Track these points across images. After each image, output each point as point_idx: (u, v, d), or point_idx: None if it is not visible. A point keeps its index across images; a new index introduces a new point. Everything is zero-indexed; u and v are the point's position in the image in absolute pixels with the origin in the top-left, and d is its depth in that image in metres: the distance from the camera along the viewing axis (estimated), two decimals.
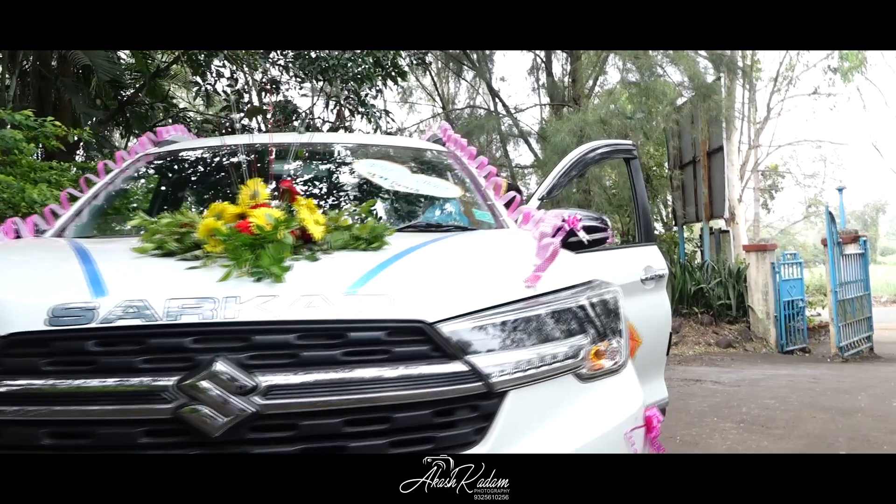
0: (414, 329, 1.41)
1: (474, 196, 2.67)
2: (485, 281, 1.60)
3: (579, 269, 1.82)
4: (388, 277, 1.51)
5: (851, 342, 9.89)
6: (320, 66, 8.51)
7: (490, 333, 1.48)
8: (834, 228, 9.92)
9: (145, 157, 2.91)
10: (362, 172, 2.65)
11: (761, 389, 6.77)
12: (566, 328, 1.60)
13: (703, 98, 11.51)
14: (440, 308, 1.44)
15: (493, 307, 1.51)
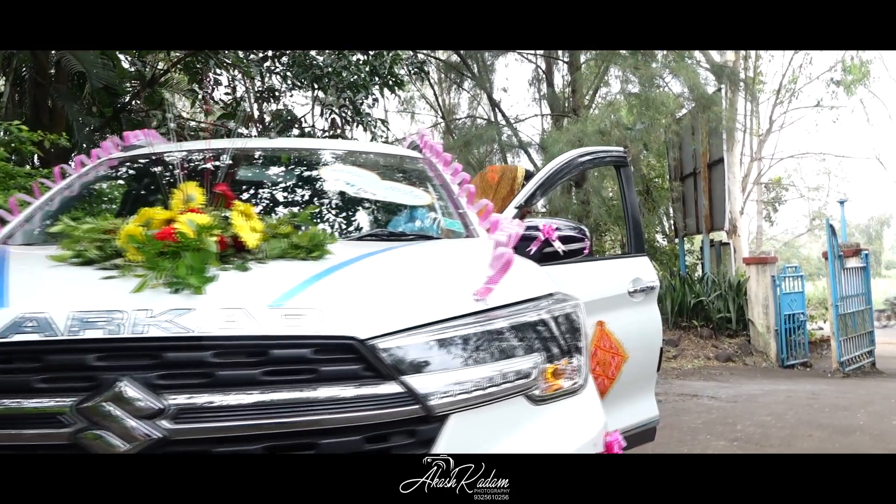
0: (344, 346, 1.29)
1: (446, 204, 2.55)
2: (429, 294, 1.48)
3: (539, 281, 1.70)
4: (321, 290, 1.39)
5: (852, 357, 9.73)
6: (314, 74, 8.42)
7: (430, 351, 1.36)
8: (835, 241, 9.78)
9: (108, 162, 2.81)
10: (328, 178, 2.53)
11: (758, 406, 6.62)
12: (519, 345, 1.47)
13: (703, 109, 11.39)
14: (374, 323, 1.33)
15: (436, 322, 1.39)
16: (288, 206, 2.56)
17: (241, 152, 2.90)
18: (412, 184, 2.68)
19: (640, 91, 12.23)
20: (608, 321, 3.16)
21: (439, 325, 1.39)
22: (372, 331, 1.31)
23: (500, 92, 17.77)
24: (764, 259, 11.07)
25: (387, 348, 1.31)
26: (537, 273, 1.78)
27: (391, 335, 1.32)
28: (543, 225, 2.44)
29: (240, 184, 2.74)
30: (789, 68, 20.49)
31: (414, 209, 2.51)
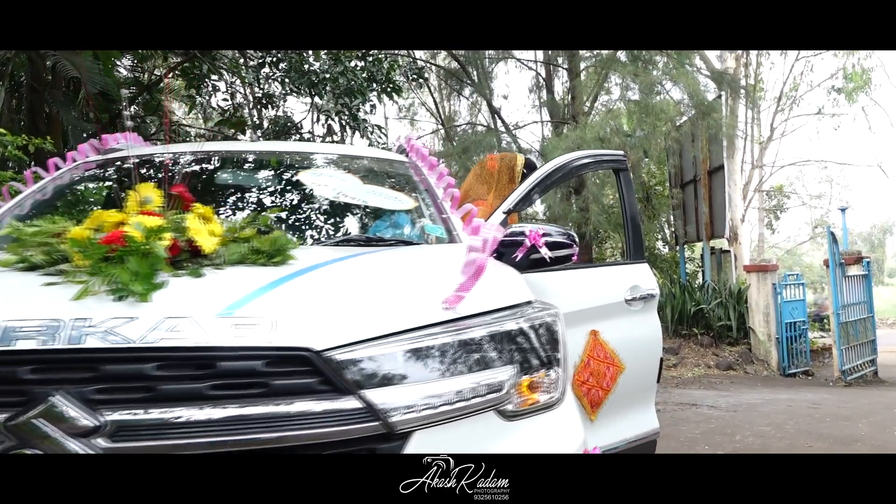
0: (298, 358, 1.21)
1: (429, 209, 2.47)
2: (394, 302, 1.40)
3: (517, 289, 1.62)
4: (277, 297, 1.31)
5: (854, 366, 9.61)
6: (310, 80, 8.36)
7: (392, 364, 1.27)
8: (836, 249, 9.68)
9: (84, 165, 2.73)
10: (307, 182, 2.45)
11: (758, 415, 6.52)
12: (491, 357, 1.39)
13: (703, 116, 11.31)
14: (333, 334, 1.24)
15: (400, 333, 1.31)
16: (265, 210, 2.49)
17: (224, 156, 2.83)
18: (396, 188, 2.61)
19: (641, 98, 12.17)
20: (603, 330, 3.06)
21: (403, 336, 1.30)
22: (329, 341, 1.22)
23: (501, 99, 17.76)
24: (765, 267, 10.97)
25: (345, 360, 1.23)
26: (515, 280, 1.69)
27: (350, 346, 1.24)
28: (530, 231, 2.35)
29: (221, 188, 2.66)
30: (790, 76, 20.44)
31: (396, 214, 2.43)
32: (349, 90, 8.98)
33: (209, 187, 2.56)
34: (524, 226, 2.41)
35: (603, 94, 13.94)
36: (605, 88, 13.75)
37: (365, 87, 9.15)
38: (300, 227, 2.37)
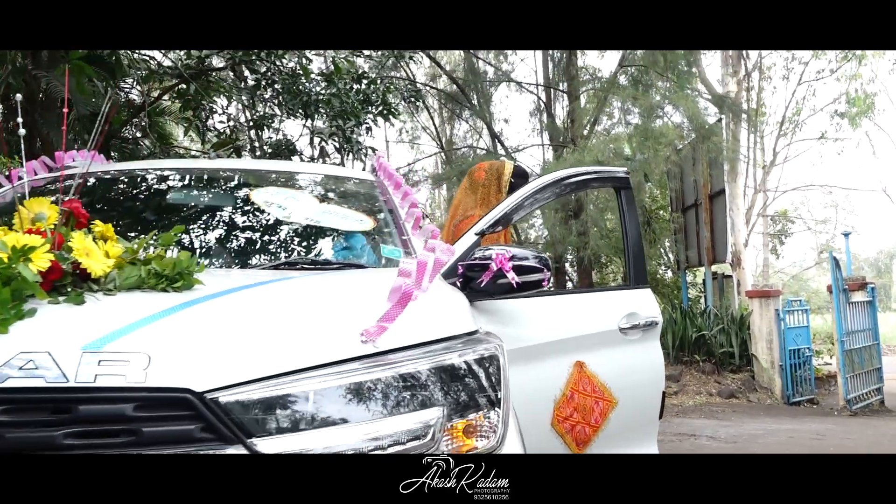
0: (175, 400, 1.04)
1: (390, 230, 2.31)
2: (302, 335, 1.23)
3: (456, 318, 1.45)
4: (161, 329, 1.14)
5: (860, 394, 9.35)
6: (302, 101, 8.26)
7: (291, 407, 1.10)
8: (839, 275, 9.47)
9: (31, 183, 2.58)
10: (258, 202, 2.30)
11: (758, 447, 6.29)
12: (416, 397, 1.22)
13: (702, 139, 11.17)
14: (219, 372, 1.07)
15: (303, 370, 1.13)
16: (209, 230, 2.32)
17: (178, 174, 2.68)
18: (358, 207, 2.45)
19: (641, 122, 12.07)
20: (591, 361, 2.85)
21: (307, 374, 1.13)
22: (214, 381, 1.05)
23: (502, 123, 17.68)
24: (767, 292, 10.76)
25: (232, 403, 1.05)
26: (457, 308, 1.52)
27: (239, 387, 1.07)
28: (497, 254, 2.18)
29: (171, 208, 2.50)
30: (792, 100, 20.33)
31: (350, 235, 2.26)
32: (342, 112, 8.88)
33: (156, 207, 2.41)
34: (492, 248, 2.24)
35: (604, 117, 13.85)
36: (607, 112, 13.66)
37: (359, 108, 9.05)
38: (238, 248, 2.20)
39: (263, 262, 2.06)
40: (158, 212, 2.34)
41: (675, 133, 11.75)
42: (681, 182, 13.50)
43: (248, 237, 2.23)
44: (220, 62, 10.43)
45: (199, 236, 2.23)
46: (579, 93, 13.26)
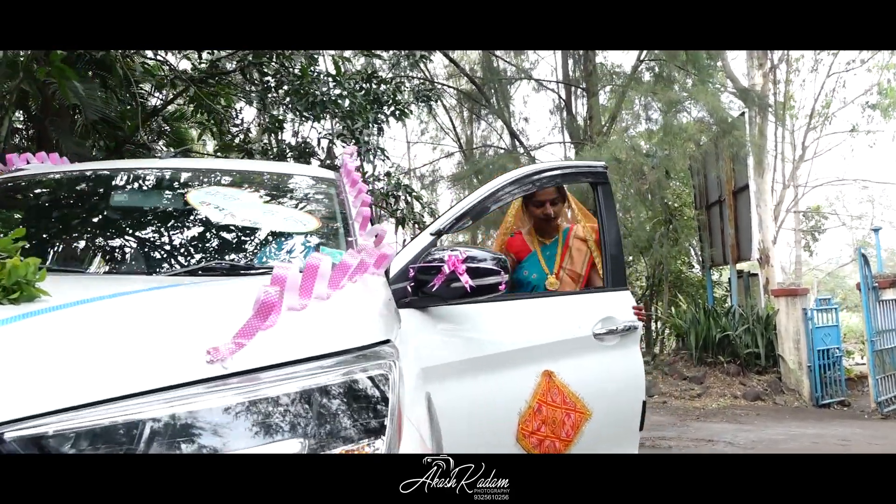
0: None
1: (338, 230, 2.15)
2: (133, 356, 1.06)
3: (357, 329, 1.27)
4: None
5: (892, 396, 8.96)
6: (308, 102, 8.16)
7: (99, 443, 0.94)
8: (868, 272, 9.10)
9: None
10: (193, 203, 2.15)
11: None
12: (269, 428, 1.05)
13: (724, 134, 10.82)
14: (9, 404, 0.91)
15: (118, 399, 0.97)
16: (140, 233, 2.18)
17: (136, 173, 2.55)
18: (310, 207, 2.29)
19: (661, 117, 11.77)
20: (561, 370, 2.66)
21: (125, 402, 0.97)
22: (3, 413, 0.90)
23: (522, 121, 17.44)
24: (794, 291, 10.39)
25: (19, 439, 0.89)
26: (357, 317, 1.35)
27: (34, 420, 0.91)
28: (449, 256, 2.01)
29: (114, 210, 2.37)
30: (821, 92, 19.76)
31: (289, 237, 2.11)
32: (350, 113, 8.77)
33: (95, 210, 2.28)
34: (444, 250, 2.07)
35: (625, 113, 13.55)
36: (627, 108, 13.36)
37: (368, 108, 8.92)
38: (147, 253, 2.06)
39: (179, 268, 1.91)
40: (79, 215, 2.21)
41: (697, 128, 11.43)
42: (704, 178, 13.15)
43: (170, 242, 2.09)
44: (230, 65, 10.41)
45: (114, 240, 2.10)
46: (597, 89, 12.99)
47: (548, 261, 3.24)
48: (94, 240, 2.11)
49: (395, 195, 10.07)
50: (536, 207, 3.24)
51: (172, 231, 2.16)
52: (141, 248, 2.06)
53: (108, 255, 2.01)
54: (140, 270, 1.92)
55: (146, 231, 2.17)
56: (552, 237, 3.31)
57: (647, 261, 14.30)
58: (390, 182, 10.10)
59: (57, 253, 2.00)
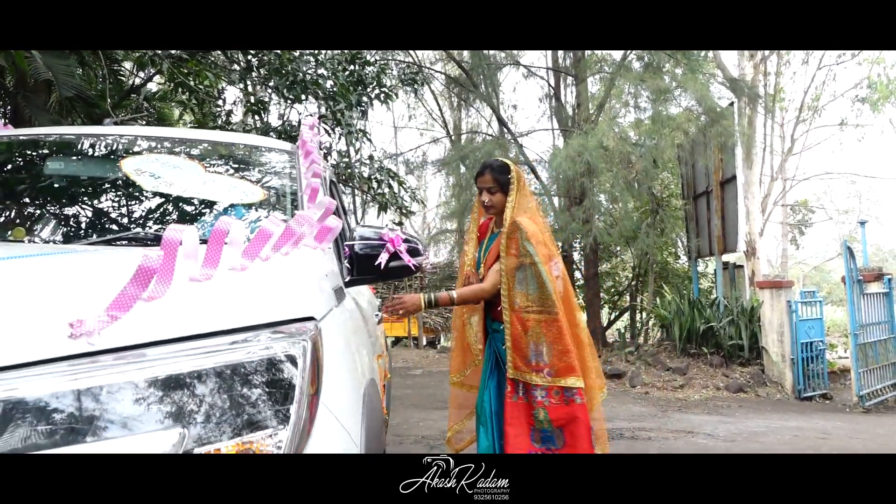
0: None
1: (286, 203, 2.00)
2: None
3: (269, 304, 1.13)
4: None
5: (874, 390, 8.92)
6: (288, 82, 7.96)
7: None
8: (853, 265, 9.03)
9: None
10: (128, 170, 1.99)
11: (757, 446, 5.92)
12: (147, 413, 0.90)
13: (712, 123, 10.70)
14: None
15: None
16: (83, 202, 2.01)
17: (64, 142, 2.39)
18: (261, 178, 2.14)
19: (650, 105, 11.64)
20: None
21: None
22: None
23: (510, 108, 17.26)
24: (779, 283, 10.31)
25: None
26: (280, 290, 1.20)
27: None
28: (388, 235, 1.90)
29: (44, 178, 2.21)
30: (811, 85, 19.68)
31: (230, 208, 1.95)
32: (333, 94, 8.57)
33: (23, 177, 2.12)
34: (377, 229, 1.96)
35: (614, 100, 13.41)
36: (615, 96, 13.21)
37: (351, 90, 8.73)
38: (78, 220, 1.90)
39: (98, 237, 1.75)
40: (16, 182, 2.05)
41: (685, 117, 11.31)
42: (692, 168, 13.04)
43: (89, 210, 1.93)
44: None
45: (33, 207, 1.94)
46: (586, 75, 12.82)
47: (486, 249, 3.27)
48: (16, 208, 1.95)
49: (379, 179, 9.91)
50: (478, 195, 3.25)
51: (103, 199, 2.00)
52: (62, 216, 1.90)
53: (26, 224, 1.85)
54: (56, 239, 1.76)
55: (76, 199, 2.00)
56: (499, 228, 3.25)
57: (633, 251, 14.20)
58: (373, 166, 9.93)
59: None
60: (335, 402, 1.16)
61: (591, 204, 10.85)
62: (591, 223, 10.82)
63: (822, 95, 19.85)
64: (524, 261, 2.97)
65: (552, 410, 2.85)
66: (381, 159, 10.84)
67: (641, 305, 15.07)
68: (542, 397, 2.87)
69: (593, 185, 11.05)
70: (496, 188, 3.14)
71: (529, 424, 2.90)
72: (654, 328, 14.11)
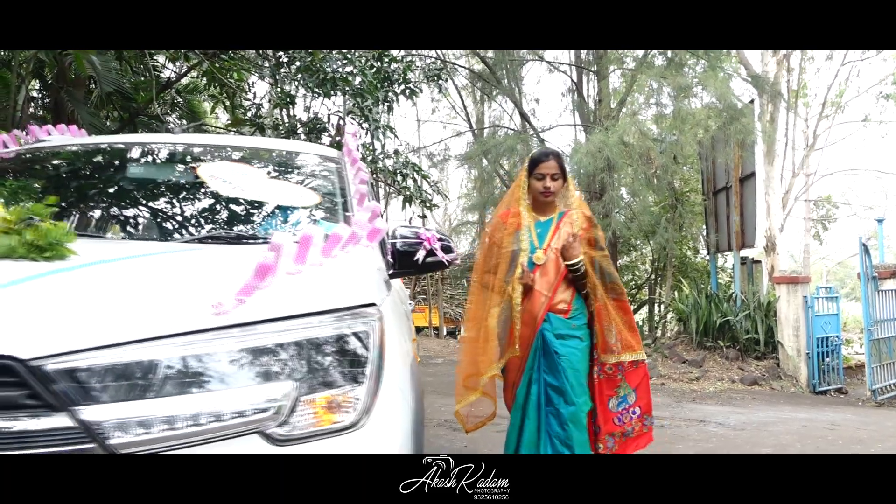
0: (0, 368, 1.06)
1: (337, 206, 2.31)
2: (146, 307, 1.23)
3: (346, 291, 1.44)
4: (3, 299, 1.16)
5: (887, 385, 9.10)
6: (318, 79, 8.27)
7: (125, 376, 1.11)
8: (869, 262, 9.19)
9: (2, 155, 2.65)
10: (203, 176, 2.31)
11: (766, 435, 6.16)
12: (265, 370, 1.22)
13: (731, 121, 10.86)
14: (47, 340, 1.09)
15: (140, 341, 1.14)
16: (156, 204, 2.35)
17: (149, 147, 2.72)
18: (313, 183, 2.45)
19: (671, 102, 11.81)
20: None
21: (143, 344, 1.14)
22: (40, 349, 1.07)
23: (533, 102, 17.47)
24: (795, 279, 10.49)
25: (57, 371, 1.07)
26: (349, 281, 1.51)
27: (67, 355, 1.08)
28: (424, 234, 2.20)
29: (130, 181, 2.54)
30: (835, 81, 19.64)
31: (291, 210, 2.27)
32: (361, 91, 8.88)
33: (112, 180, 2.45)
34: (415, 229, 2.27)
35: (638, 95, 13.57)
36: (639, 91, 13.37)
37: (377, 87, 9.03)
38: (164, 222, 2.23)
39: (189, 236, 2.08)
40: (97, 185, 2.38)
41: (706, 114, 11.48)
42: (712, 164, 13.20)
43: (181, 212, 2.26)
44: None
45: (130, 209, 2.27)
46: (608, 72, 13.01)
47: (539, 236, 3.30)
48: (111, 208, 2.28)
49: (403, 173, 10.20)
50: (537, 180, 3.28)
51: (183, 202, 2.32)
52: (154, 217, 2.23)
53: (124, 223, 2.18)
54: (152, 237, 2.08)
55: (159, 201, 2.33)
56: (548, 216, 3.35)
57: (653, 245, 14.40)
58: (398, 160, 10.22)
59: (76, 219, 2.17)
60: (393, 371, 1.46)
61: (610, 199, 11.08)
62: (610, 217, 11.05)
63: (845, 91, 19.85)
64: (601, 252, 3.25)
65: (629, 376, 3.28)
66: (406, 153, 11.12)
67: (660, 299, 15.27)
68: (622, 369, 3.27)
69: (613, 181, 11.28)
70: (559, 174, 3.25)
71: (610, 396, 3.27)
72: (672, 321, 14.33)
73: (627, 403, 3.30)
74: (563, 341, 3.17)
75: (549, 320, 3.19)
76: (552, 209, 3.37)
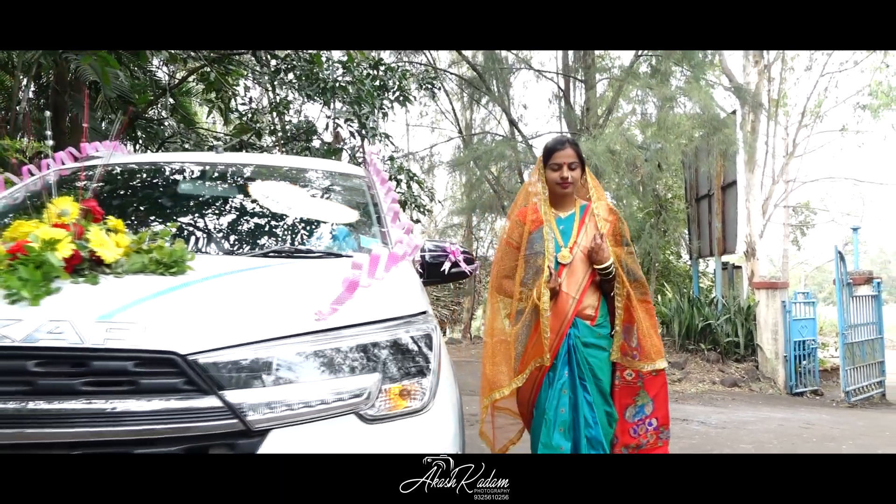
0: (165, 360, 1.36)
1: (372, 222, 2.61)
2: (265, 313, 1.54)
3: (406, 301, 1.75)
4: (157, 305, 1.46)
5: (860, 387, 9.52)
6: (319, 88, 8.55)
7: (254, 368, 1.41)
8: (844, 268, 9.61)
9: (59, 172, 2.90)
10: (255, 195, 2.60)
11: (745, 433, 6.52)
12: (357, 364, 1.53)
13: (713, 131, 11.27)
14: (198, 339, 1.39)
15: (264, 341, 1.44)
16: (211, 220, 2.63)
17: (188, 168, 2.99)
18: (348, 201, 2.74)
19: (656, 111, 12.19)
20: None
21: (266, 343, 1.44)
22: (194, 346, 1.37)
23: (521, 109, 17.82)
24: (774, 284, 10.90)
25: (208, 363, 1.37)
26: (406, 293, 1.82)
27: (214, 351, 1.38)
28: (449, 247, 2.50)
29: (179, 198, 2.81)
30: (814, 91, 20.22)
31: (335, 226, 2.57)
32: (358, 98, 9.16)
33: (167, 197, 2.73)
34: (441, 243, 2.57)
35: (623, 102, 13.96)
36: (625, 99, 13.76)
37: (375, 95, 9.31)
38: (232, 237, 2.52)
39: (255, 251, 2.37)
40: (165, 202, 2.66)
41: (689, 123, 11.89)
42: (695, 172, 13.62)
43: (243, 228, 2.55)
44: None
45: (201, 225, 2.55)
46: (595, 81, 13.39)
47: (563, 233, 3.03)
48: (207, 227, 2.56)
49: (397, 179, 10.49)
50: (553, 171, 3.03)
51: (257, 219, 2.61)
52: (242, 234, 2.52)
53: (197, 239, 2.47)
54: (226, 251, 2.37)
55: (242, 219, 2.63)
56: (568, 210, 3.09)
57: (637, 250, 14.78)
58: (393, 166, 10.51)
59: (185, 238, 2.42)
60: (445, 366, 1.77)
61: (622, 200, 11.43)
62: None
63: (824, 101, 20.45)
64: (626, 248, 3.03)
65: (648, 384, 3.01)
66: (400, 159, 11.42)
67: None
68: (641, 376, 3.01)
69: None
70: (577, 163, 3.03)
71: (628, 405, 3.03)
72: None
73: (644, 414, 3.03)
74: (588, 350, 2.94)
75: (577, 326, 2.95)
76: (571, 202, 3.10)
